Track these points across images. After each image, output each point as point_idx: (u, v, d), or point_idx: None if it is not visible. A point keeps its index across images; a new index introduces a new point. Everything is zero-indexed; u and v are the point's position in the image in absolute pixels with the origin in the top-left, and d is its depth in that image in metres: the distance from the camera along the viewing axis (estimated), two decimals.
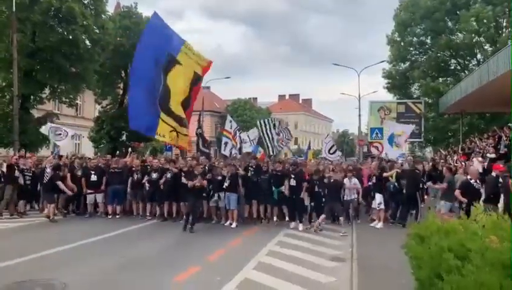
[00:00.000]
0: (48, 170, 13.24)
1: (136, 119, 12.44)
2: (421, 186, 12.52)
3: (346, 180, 11.88)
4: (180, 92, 12.80)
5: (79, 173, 13.38)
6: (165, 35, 12.66)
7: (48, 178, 12.65)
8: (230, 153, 17.54)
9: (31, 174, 13.31)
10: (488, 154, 15.34)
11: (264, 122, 18.26)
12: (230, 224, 11.73)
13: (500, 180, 9.65)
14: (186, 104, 13.05)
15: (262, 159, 13.69)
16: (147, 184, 12.72)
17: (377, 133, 18.62)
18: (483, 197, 9.49)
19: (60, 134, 16.92)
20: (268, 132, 17.53)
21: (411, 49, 35.13)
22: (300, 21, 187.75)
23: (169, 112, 12.55)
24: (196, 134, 16.95)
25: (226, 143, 17.91)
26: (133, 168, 13.34)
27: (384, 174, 12.52)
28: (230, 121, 18.53)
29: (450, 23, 32.73)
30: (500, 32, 29.88)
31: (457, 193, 9.77)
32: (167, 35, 12.74)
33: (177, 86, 12.69)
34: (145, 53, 12.20)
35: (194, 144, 17.45)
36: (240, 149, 18.01)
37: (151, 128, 12.46)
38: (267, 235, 10.26)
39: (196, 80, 13.25)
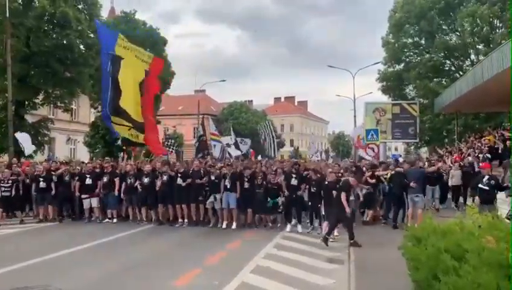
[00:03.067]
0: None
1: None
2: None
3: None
4: (132, 91, 12.89)
5: (66, 178, 13.30)
6: (105, 37, 13.03)
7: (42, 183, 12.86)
8: (223, 154, 17.51)
9: (8, 185, 12.77)
10: (487, 155, 15.47)
11: (266, 124, 18.42)
12: (228, 225, 11.69)
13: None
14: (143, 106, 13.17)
15: (252, 155, 13.64)
16: (139, 187, 12.66)
17: (372, 135, 18.60)
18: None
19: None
20: (271, 134, 17.63)
21: (405, 50, 35.30)
22: (297, 23, 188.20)
23: (119, 112, 12.70)
24: (198, 140, 17.04)
25: (214, 145, 18.02)
26: (127, 173, 13.27)
27: (377, 173, 12.53)
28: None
29: (443, 24, 32.96)
30: (493, 32, 30.07)
31: None
32: (106, 36, 13.14)
33: (128, 85, 12.80)
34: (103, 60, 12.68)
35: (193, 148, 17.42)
36: (236, 144, 18.04)
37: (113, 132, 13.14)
38: (265, 238, 10.23)
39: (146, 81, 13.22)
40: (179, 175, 12.33)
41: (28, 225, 12.67)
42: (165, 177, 12.42)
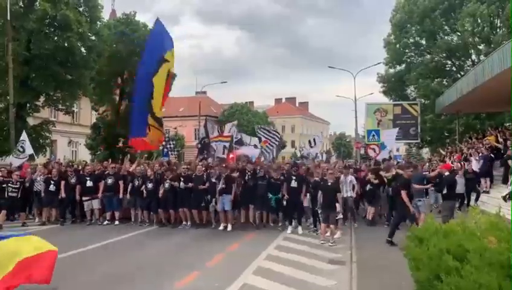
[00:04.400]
0: (38, 178, 13.49)
1: (135, 129, 12.75)
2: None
3: (341, 177, 11.88)
4: (160, 90, 12.95)
5: (73, 180, 13.34)
6: (161, 40, 12.91)
7: (41, 186, 13.15)
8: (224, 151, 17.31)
9: (16, 186, 12.84)
10: (491, 155, 15.48)
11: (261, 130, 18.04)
12: (225, 227, 11.73)
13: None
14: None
15: (257, 162, 13.67)
16: (145, 192, 12.65)
17: (373, 135, 18.55)
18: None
19: (22, 151, 15.59)
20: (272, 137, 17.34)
21: (407, 51, 35.31)
22: (297, 23, 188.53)
23: (152, 113, 12.88)
24: (200, 142, 16.94)
25: (217, 146, 17.67)
26: (134, 174, 13.27)
27: (383, 174, 12.52)
28: (233, 126, 18.19)
29: (445, 24, 32.97)
30: (494, 32, 30.07)
31: None
32: (163, 39, 12.99)
33: (159, 85, 12.81)
34: (147, 60, 12.52)
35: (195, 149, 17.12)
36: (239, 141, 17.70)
37: (143, 129, 12.78)
38: (266, 240, 10.23)
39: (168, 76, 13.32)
40: (181, 179, 12.35)
41: (30, 227, 12.67)
42: (167, 185, 12.41)
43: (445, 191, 10.92)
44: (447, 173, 11.50)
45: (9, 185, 12.74)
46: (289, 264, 7.93)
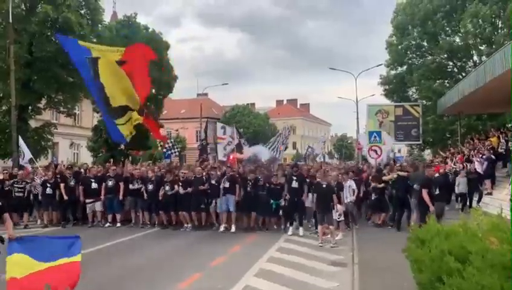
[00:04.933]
0: (38, 181, 13.61)
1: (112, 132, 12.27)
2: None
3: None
4: (116, 83, 11.82)
5: (72, 182, 13.34)
6: (77, 46, 12.23)
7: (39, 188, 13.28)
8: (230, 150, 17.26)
9: (21, 186, 13.14)
10: (492, 156, 15.47)
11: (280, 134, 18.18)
12: (226, 229, 11.70)
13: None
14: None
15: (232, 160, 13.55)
16: (145, 194, 12.67)
17: (375, 137, 18.54)
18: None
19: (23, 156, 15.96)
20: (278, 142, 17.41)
21: (408, 52, 35.30)
22: (297, 25, 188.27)
23: (117, 112, 11.25)
24: (201, 144, 17.04)
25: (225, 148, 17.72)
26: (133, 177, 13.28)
27: (384, 178, 12.52)
28: (223, 128, 18.44)
29: (446, 26, 32.97)
30: (496, 33, 30.03)
31: None
32: (78, 45, 12.37)
33: (111, 81, 11.86)
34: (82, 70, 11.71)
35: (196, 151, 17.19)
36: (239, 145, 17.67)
37: (120, 136, 11.83)
38: (267, 242, 10.23)
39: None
40: (180, 184, 12.34)
41: (33, 229, 12.69)
42: (167, 187, 12.41)
43: (437, 192, 10.84)
44: (436, 175, 11.57)
45: (15, 185, 12.91)
46: (291, 266, 7.91)
